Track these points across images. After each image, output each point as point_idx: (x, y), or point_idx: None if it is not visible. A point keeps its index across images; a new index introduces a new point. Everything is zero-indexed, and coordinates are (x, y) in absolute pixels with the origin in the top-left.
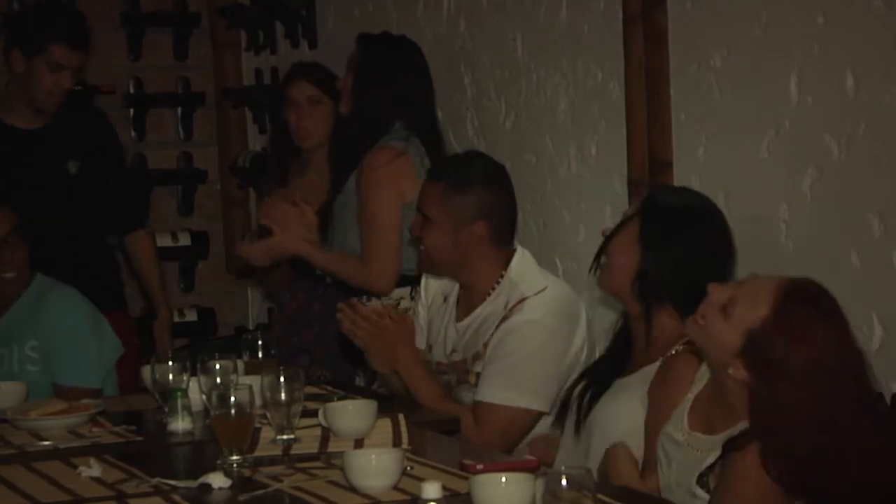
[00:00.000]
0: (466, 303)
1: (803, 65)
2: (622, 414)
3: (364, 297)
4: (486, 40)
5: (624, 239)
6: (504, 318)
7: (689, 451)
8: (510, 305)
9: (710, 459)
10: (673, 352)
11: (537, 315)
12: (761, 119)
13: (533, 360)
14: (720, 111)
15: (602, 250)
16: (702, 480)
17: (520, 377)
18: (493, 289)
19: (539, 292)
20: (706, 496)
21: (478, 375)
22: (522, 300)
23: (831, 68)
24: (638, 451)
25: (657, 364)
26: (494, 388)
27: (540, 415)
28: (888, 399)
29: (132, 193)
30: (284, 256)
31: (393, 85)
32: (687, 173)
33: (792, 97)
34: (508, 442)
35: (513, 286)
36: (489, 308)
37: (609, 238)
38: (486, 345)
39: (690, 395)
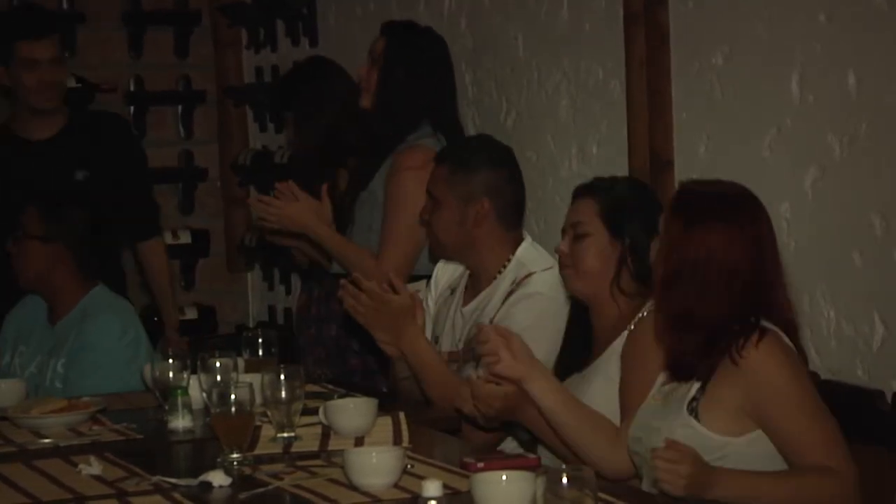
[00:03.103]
0: (473, 288)
1: (805, 63)
2: (601, 399)
3: None
4: (487, 38)
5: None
6: (510, 293)
7: (662, 401)
8: (517, 281)
9: (696, 386)
10: (642, 314)
11: (542, 289)
12: (763, 118)
13: (537, 333)
14: (722, 110)
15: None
16: (691, 407)
17: None
18: (500, 272)
19: (546, 269)
20: (699, 424)
21: None
22: (529, 275)
23: (833, 67)
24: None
25: (620, 339)
26: None
27: None
28: (888, 398)
29: (147, 201)
30: (297, 229)
31: (421, 82)
32: (688, 172)
33: (794, 96)
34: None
35: (520, 266)
36: (495, 288)
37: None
38: (492, 320)
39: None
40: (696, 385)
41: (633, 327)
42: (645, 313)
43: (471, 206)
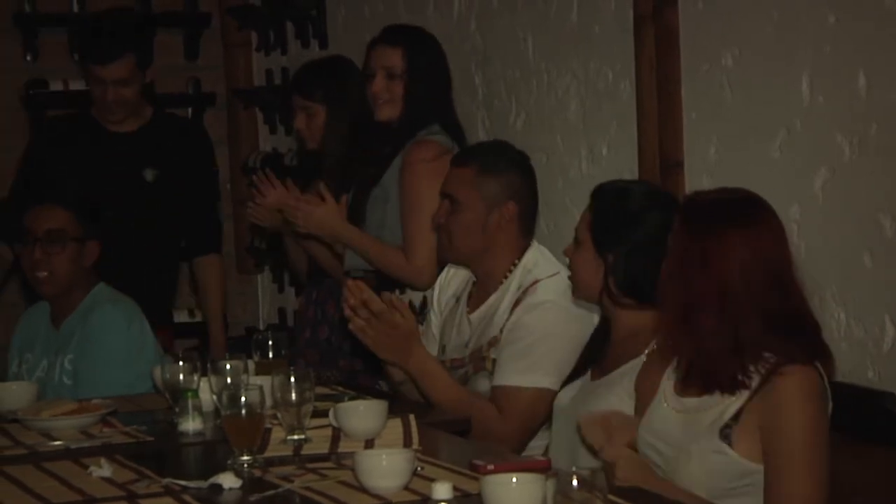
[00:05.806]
0: (479, 294)
1: (815, 64)
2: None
3: (397, 291)
4: (497, 40)
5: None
6: (518, 302)
7: (688, 416)
8: (523, 288)
9: (730, 412)
10: (655, 346)
11: (551, 296)
12: (773, 119)
13: (550, 341)
14: (731, 111)
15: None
16: (724, 433)
17: (539, 358)
18: (506, 277)
19: (552, 276)
20: (732, 452)
21: (494, 361)
22: (535, 283)
23: (843, 68)
24: None
25: (640, 359)
26: (514, 371)
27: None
28: None
29: (212, 214)
30: (325, 232)
31: (439, 88)
32: (698, 173)
33: (804, 97)
34: (532, 427)
35: (525, 272)
36: (502, 295)
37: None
38: (502, 329)
39: (668, 380)
40: (732, 408)
41: (645, 357)
42: (655, 346)
43: (496, 210)
